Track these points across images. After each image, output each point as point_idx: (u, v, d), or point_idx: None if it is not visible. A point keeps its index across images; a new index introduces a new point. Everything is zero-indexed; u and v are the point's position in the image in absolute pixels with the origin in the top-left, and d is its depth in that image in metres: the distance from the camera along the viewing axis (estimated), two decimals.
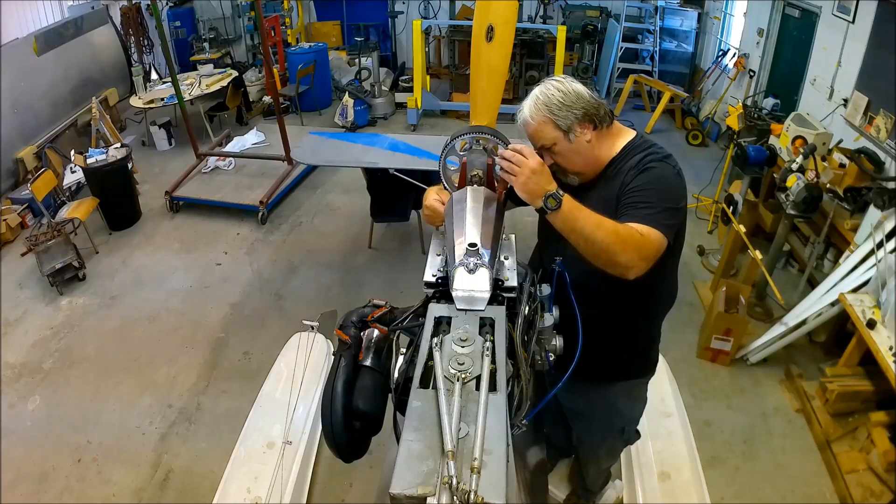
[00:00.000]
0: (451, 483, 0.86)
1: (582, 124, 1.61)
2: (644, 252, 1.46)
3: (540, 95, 1.62)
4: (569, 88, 1.61)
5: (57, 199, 5.24)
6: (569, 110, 1.60)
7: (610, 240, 1.43)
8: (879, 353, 2.90)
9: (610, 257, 1.45)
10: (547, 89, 1.63)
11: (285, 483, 2.34)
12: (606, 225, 1.45)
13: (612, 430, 2.12)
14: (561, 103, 1.60)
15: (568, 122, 1.60)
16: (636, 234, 1.46)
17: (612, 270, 1.47)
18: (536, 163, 1.47)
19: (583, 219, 1.45)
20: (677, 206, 1.58)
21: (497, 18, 1.87)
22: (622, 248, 1.43)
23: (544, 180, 1.47)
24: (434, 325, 1.27)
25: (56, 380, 3.69)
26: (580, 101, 1.61)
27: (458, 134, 1.95)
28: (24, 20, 6.22)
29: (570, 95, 1.61)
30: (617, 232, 1.44)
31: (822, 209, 3.84)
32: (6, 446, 3.20)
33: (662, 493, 2.36)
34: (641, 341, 1.89)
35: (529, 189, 1.47)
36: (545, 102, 1.61)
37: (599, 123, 1.63)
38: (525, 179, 1.46)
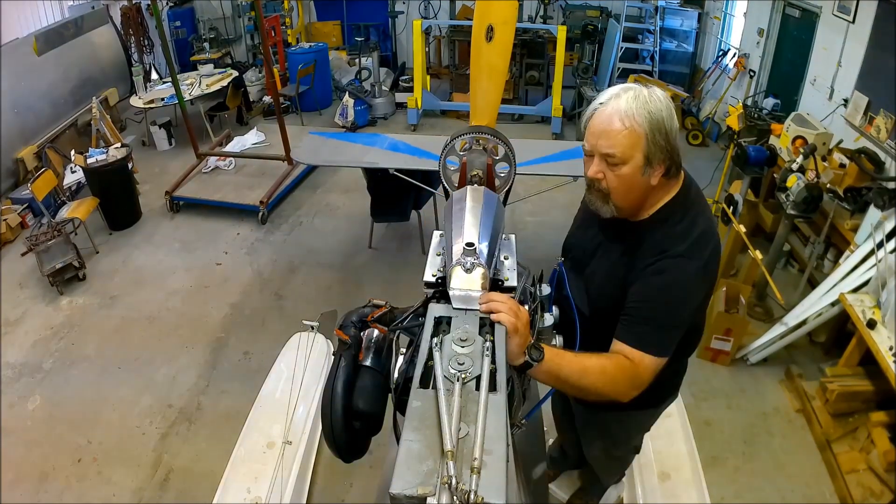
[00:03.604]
0: (451, 483, 0.86)
1: (661, 165, 1.39)
2: (637, 381, 1.39)
3: (650, 103, 1.34)
4: (674, 117, 1.38)
5: (57, 199, 5.24)
6: (665, 142, 1.36)
7: (599, 383, 1.35)
8: (879, 353, 2.90)
9: (601, 396, 1.38)
10: (658, 102, 1.35)
11: (285, 483, 2.34)
12: (592, 368, 1.35)
13: (624, 450, 2.11)
14: (665, 129, 1.35)
15: (657, 153, 1.36)
16: (626, 367, 1.36)
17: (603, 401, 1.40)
18: (526, 315, 1.31)
19: (566, 366, 1.34)
20: (685, 317, 1.43)
21: (497, 18, 1.87)
22: (612, 387, 1.37)
23: (529, 331, 1.31)
24: (434, 325, 1.27)
25: (56, 380, 3.69)
26: (675, 139, 1.39)
27: (458, 134, 1.95)
28: (24, 20, 6.22)
29: (674, 126, 1.38)
30: (604, 372, 1.35)
31: (822, 209, 3.84)
32: (6, 446, 3.20)
33: (662, 493, 2.37)
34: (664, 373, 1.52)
35: (521, 338, 1.27)
36: (652, 115, 1.34)
37: (671, 173, 1.43)
38: (521, 328, 1.27)
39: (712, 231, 1.48)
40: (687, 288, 1.41)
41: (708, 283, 1.47)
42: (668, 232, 1.44)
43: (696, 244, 1.41)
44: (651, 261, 1.41)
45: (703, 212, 1.50)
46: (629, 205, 1.46)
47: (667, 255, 1.40)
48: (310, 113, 7.85)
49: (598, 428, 2.00)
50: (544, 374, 1.34)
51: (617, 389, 1.38)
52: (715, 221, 1.54)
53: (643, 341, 1.39)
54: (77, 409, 3.46)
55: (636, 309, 1.41)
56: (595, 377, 1.35)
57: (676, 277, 1.39)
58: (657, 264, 1.40)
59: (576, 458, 2.41)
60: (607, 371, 1.36)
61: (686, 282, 1.40)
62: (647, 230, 1.47)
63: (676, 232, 1.43)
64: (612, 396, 1.38)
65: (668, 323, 1.40)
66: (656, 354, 1.39)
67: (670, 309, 1.40)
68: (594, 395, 1.39)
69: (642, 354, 1.38)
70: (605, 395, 1.38)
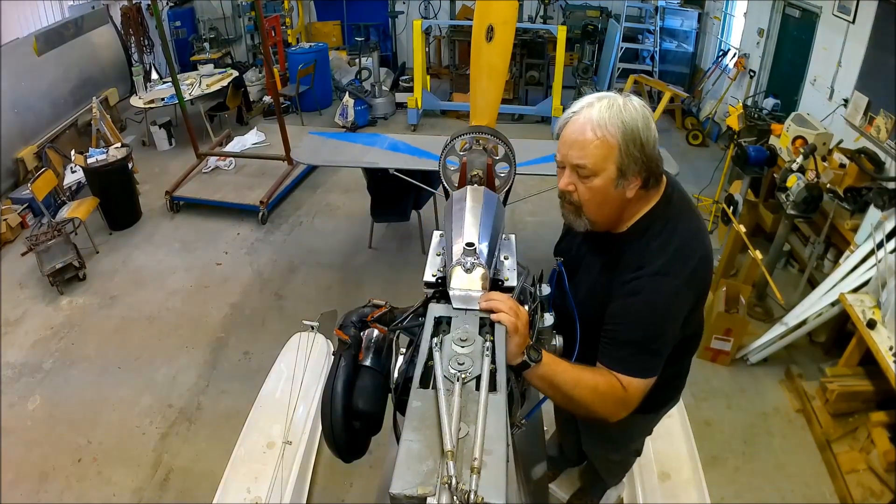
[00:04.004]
0: (451, 483, 0.86)
1: (636, 177, 1.32)
2: (626, 404, 1.36)
3: (624, 111, 1.28)
4: (652, 127, 1.31)
5: (57, 199, 5.24)
6: (641, 153, 1.29)
7: (588, 398, 1.33)
8: (879, 353, 2.90)
9: (589, 412, 1.36)
10: (633, 111, 1.29)
11: (285, 483, 2.35)
12: (585, 381, 1.33)
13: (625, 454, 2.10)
14: (640, 140, 1.29)
15: (631, 165, 1.30)
16: (617, 388, 1.33)
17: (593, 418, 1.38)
18: (526, 315, 1.30)
19: (561, 374, 1.31)
20: (668, 336, 1.37)
21: (497, 18, 1.87)
22: (601, 406, 1.34)
23: (526, 333, 1.29)
24: (434, 325, 1.27)
25: (56, 380, 3.69)
26: (653, 149, 1.31)
27: (458, 134, 1.96)
28: (24, 20, 6.22)
29: (651, 136, 1.30)
30: (596, 389, 1.32)
31: (822, 209, 3.84)
32: (6, 446, 3.20)
33: (662, 493, 2.37)
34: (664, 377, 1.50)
35: (521, 338, 1.26)
36: (626, 125, 1.27)
37: (650, 185, 1.36)
38: (521, 328, 1.26)
39: (697, 241, 1.41)
40: (665, 308, 1.34)
41: (692, 297, 1.39)
42: (646, 246, 1.37)
43: (676, 259, 1.34)
44: (628, 278, 1.36)
45: (685, 221, 1.42)
46: (603, 219, 1.40)
47: (643, 274, 1.34)
48: (310, 113, 7.85)
49: (599, 431, 1.99)
50: (539, 379, 1.32)
51: (605, 409, 1.35)
52: (702, 228, 1.46)
53: (626, 366, 1.35)
54: (77, 409, 3.46)
55: (615, 332, 1.37)
56: (586, 391, 1.33)
57: (652, 299, 1.33)
58: (633, 283, 1.34)
59: (573, 454, 2.41)
60: (599, 389, 1.33)
61: (663, 302, 1.34)
62: (625, 243, 1.42)
63: (654, 247, 1.36)
64: (600, 415, 1.36)
65: (650, 345, 1.35)
66: (641, 377, 1.35)
67: (649, 331, 1.34)
68: (583, 410, 1.36)
69: (630, 379, 1.34)
70: (593, 412, 1.36)
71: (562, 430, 2.45)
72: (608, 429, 1.88)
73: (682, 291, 1.35)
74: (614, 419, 1.37)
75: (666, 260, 1.34)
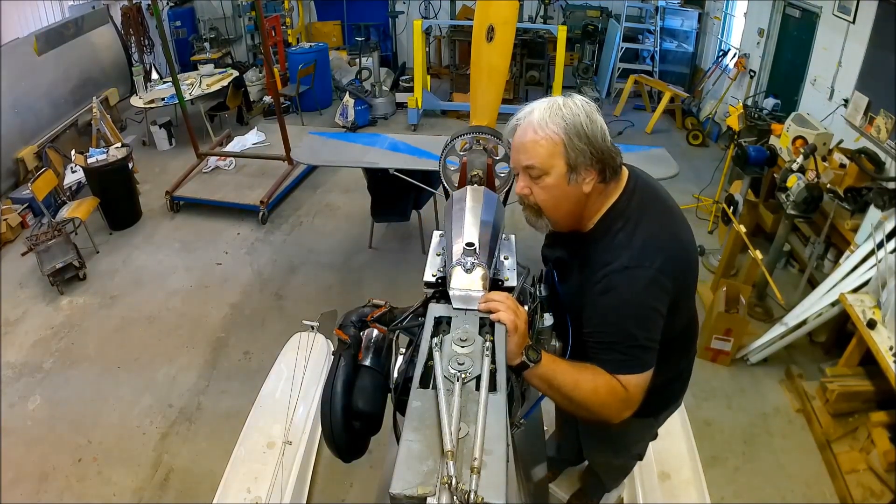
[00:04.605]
0: (451, 483, 0.86)
1: (589, 170, 1.33)
2: (629, 403, 1.33)
3: (563, 109, 1.31)
4: (597, 119, 1.33)
5: (57, 199, 5.24)
6: (588, 145, 1.31)
7: (588, 401, 1.31)
8: (880, 353, 2.89)
9: (591, 414, 1.34)
10: (574, 107, 1.31)
11: (285, 483, 2.34)
12: (584, 383, 1.30)
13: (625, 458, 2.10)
14: (584, 133, 1.30)
15: (579, 158, 1.31)
16: (617, 389, 1.31)
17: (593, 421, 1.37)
18: (525, 315, 1.30)
19: (560, 375, 1.30)
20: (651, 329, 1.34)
21: (497, 18, 1.87)
22: (601, 408, 1.32)
23: (526, 332, 1.29)
24: (434, 325, 1.27)
25: (56, 379, 3.69)
26: (602, 141, 1.32)
27: (458, 134, 1.96)
28: (24, 20, 6.21)
29: (597, 129, 1.32)
30: (596, 391, 1.30)
31: (822, 209, 3.84)
32: (6, 446, 3.20)
33: (662, 493, 2.36)
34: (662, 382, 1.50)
35: (520, 337, 1.25)
36: (567, 121, 1.30)
37: (607, 177, 1.36)
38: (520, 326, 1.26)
39: (667, 236, 1.38)
40: (640, 301, 1.31)
41: (669, 290, 1.34)
42: (610, 243, 1.36)
43: (644, 249, 1.32)
44: (597, 278, 1.33)
45: (652, 216, 1.39)
46: (563, 216, 1.40)
47: (612, 271, 1.31)
48: (310, 113, 7.85)
49: (599, 435, 1.98)
50: (538, 379, 1.31)
51: (606, 411, 1.33)
52: (674, 224, 1.42)
53: (617, 365, 1.32)
54: (77, 409, 3.46)
55: (599, 334, 1.35)
56: (586, 394, 1.31)
57: (624, 295, 1.30)
58: (603, 282, 1.32)
59: (573, 455, 2.41)
60: (599, 391, 1.31)
61: (637, 295, 1.30)
62: (592, 242, 1.40)
63: (618, 242, 1.35)
64: (602, 416, 1.33)
65: (633, 342, 1.32)
66: (637, 372, 1.33)
67: (631, 327, 1.31)
68: (584, 412, 1.34)
69: (626, 377, 1.32)
70: (594, 414, 1.33)
71: (561, 430, 2.45)
72: (609, 433, 1.87)
73: (658, 280, 1.31)
74: (617, 420, 1.34)
75: (633, 252, 1.32)
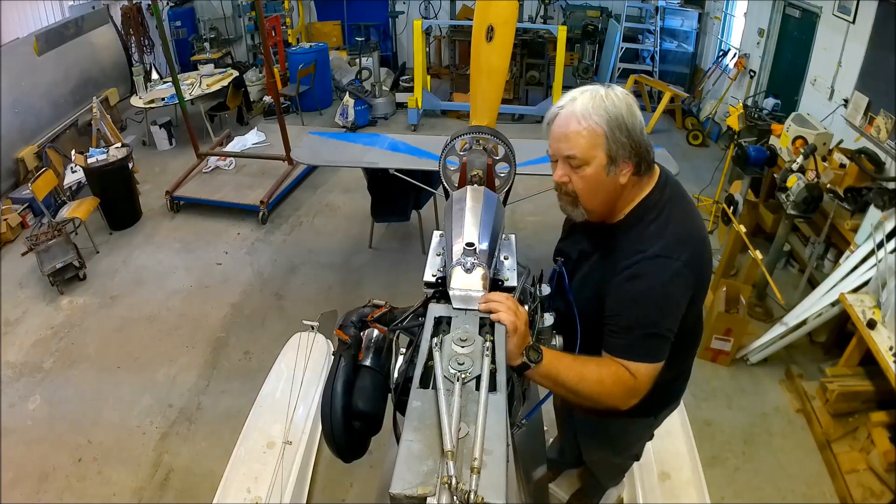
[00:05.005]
0: (451, 483, 0.86)
1: (627, 162, 1.36)
2: (635, 391, 1.35)
3: (606, 100, 1.32)
4: (636, 113, 1.35)
5: (57, 199, 5.24)
6: (628, 138, 1.33)
7: (594, 392, 1.32)
8: (879, 353, 2.90)
9: (597, 404, 1.35)
10: (616, 99, 1.33)
11: (285, 483, 2.34)
12: (589, 376, 1.32)
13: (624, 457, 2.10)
14: (625, 126, 1.32)
15: (619, 151, 1.33)
16: (624, 378, 1.33)
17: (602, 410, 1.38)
18: (525, 315, 1.30)
19: (564, 371, 1.31)
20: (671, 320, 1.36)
21: (497, 18, 1.87)
22: (608, 398, 1.34)
23: (528, 331, 1.30)
24: (434, 325, 1.27)
25: (56, 379, 3.69)
26: (640, 134, 1.35)
27: (458, 134, 1.96)
28: (24, 20, 6.21)
29: (637, 122, 1.34)
30: (601, 382, 1.32)
31: (822, 209, 3.84)
32: (6, 446, 3.20)
33: (662, 493, 2.36)
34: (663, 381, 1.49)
35: (520, 337, 1.26)
36: (609, 113, 1.32)
37: (642, 170, 1.39)
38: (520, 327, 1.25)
39: (694, 232, 1.41)
40: (666, 290, 1.34)
41: (691, 285, 1.38)
42: (642, 233, 1.39)
43: (674, 242, 1.36)
44: (627, 264, 1.36)
45: (680, 211, 1.43)
46: (598, 206, 1.42)
47: (643, 258, 1.34)
48: (310, 113, 7.85)
49: (599, 435, 1.98)
50: (542, 378, 1.32)
51: (613, 400, 1.35)
52: (698, 221, 1.46)
53: (632, 351, 1.34)
54: (77, 409, 3.46)
55: (618, 318, 1.36)
56: (591, 386, 1.32)
57: (652, 281, 1.33)
58: (633, 268, 1.35)
59: (574, 457, 2.41)
60: (604, 382, 1.33)
61: (664, 284, 1.34)
62: (621, 232, 1.43)
63: (650, 232, 1.38)
64: (609, 405, 1.35)
65: (653, 329, 1.34)
66: (649, 361, 1.35)
67: (652, 314, 1.34)
68: (590, 403, 1.36)
69: (637, 364, 1.34)
70: (601, 405, 1.35)
71: (563, 432, 2.45)
72: (608, 433, 1.89)
73: (683, 273, 1.35)
74: (624, 408, 1.36)
75: (664, 243, 1.35)
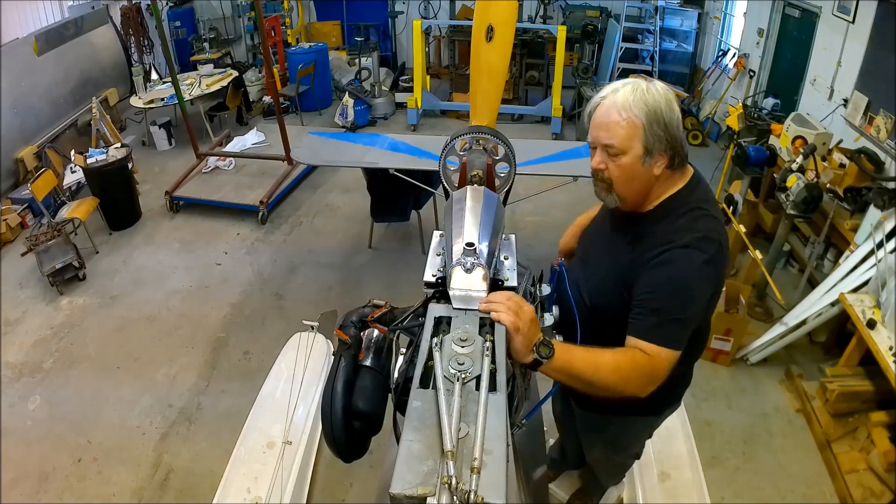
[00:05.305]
0: (451, 483, 0.86)
1: (662, 155, 1.41)
2: (654, 376, 1.37)
3: (647, 94, 1.38)
4: (675, 108, 1.41)
5: (57, 199, 5.23)
6: (665, 132, 1.39)
7: (611, 380, 1.34)
8: (879, 353, 2.90)
9: (615, 393, 1.37)
10: (656, 94, 1.39)
11: (285, 483, 2.34)
12: (605, 364, 1.33)
13: (624, 456, 2.11)
14: (663, 120, 1.38)
15: (656, 143, 1.39)
16: (642, 363, 1.35)
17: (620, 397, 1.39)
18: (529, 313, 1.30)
19: (578, 363, 1.33)
20: (695, 310, 1.41)
21: (497, 18, 1.87)
22: (625, 384, 1.35)
23: (536, 328, 1.30)
24: (434, 325, 1.27)
25: (56, 379, 3.69)
26: (676, 129, 1.40)
27: (458, 134, 1.96)
28: (24, 20, 6.21)
29: (674, 117, 1.40)
30: (618, 369, 1.34)
31: (822, 209, 3.84)
32: (6, 446, 3.20)
33: (662, 493, 2.37)
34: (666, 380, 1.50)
35: (526, 336, 1.26)
36: (649, 106, 1.37)
37: (675, 164, 1.45)
38: (523, 326, 1.25)
39: (719, 233, 1.45)
40: (694, 279, 1.39)
41: (714, 282, 1.45)
42: (672, 224, 1.44)
43: (704, 237, 1.40)
44: (657, 252, 1.40)
45: (709, 213, 1.47)
46: (632, 194, 1.47)
47: (673, 246, 1.39)
48: (310, 113, 7.85)
49: (599, 433, 1.99)
50: (556, 372, 1.32)
51: (631, 387, 1.36)
52: (722, 227, 1.50)
53: (656, 334, 1.37)
54: (77, 409, 3.46)
55: (645, 301, 1.40)
56: (608, 375, 1.33)
57: (681, 269, 1.38)
58: (663, 255, 1.39)
59: (576, 458, 2.41)
60: (621, 368, 1.34)
61: (692, 273, 1.39)
62: (650, 221, 1.48)
63: (680, 225, 1.43)
64: (628, 393, 1.36)
65: (678, 315, 1.38)
66: (670, 347, 1.37)
67: (678, 300, 1.38)
68: (608, 392, 1.37)
69: (658, 348, 1.36)
70: (619, 392, 1.36)
71: (562, 430, 2.45)
72: (609, 431, 1.90)
73: (709, 268, 1.40)
74: (643, 394, 1.37)
75: (695, 237, 1.40)
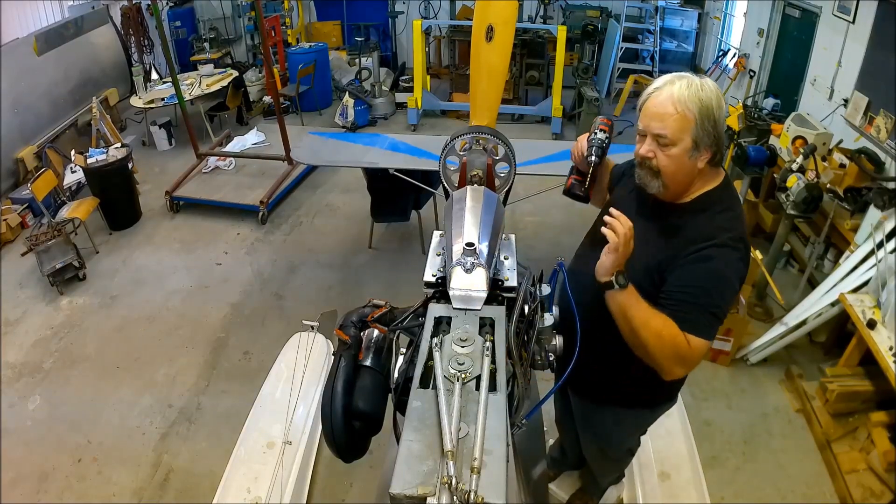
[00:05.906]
0: (451, 483, 0.86)
1: (707, 150, 1.48)
2: (687, 361, 1.45)
3: (701, 91, 1.44)
4: (723, 107, 1.48)
5: (57, 199, 5.23)
6: (713, 128, 1.46)
7: (651, 341, 1.41)
8: (879, 353, 2.89)
9: (647, 355, 1.45)
10: (709, 91, 1.45)
11: (285, 483, 2.35)
12: (653, 324, 1.41)
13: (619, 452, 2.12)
14: (713, 116, 1.45)
15: (704, 138, 1.46)
16: (681, 343, 1.42)
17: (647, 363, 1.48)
18: (631, 247, 1.42)
19: (635, 308, 1.42)
20: (728, 304, 1.50)
21: (497, 18, 1.87)
22: (660, 352, 1.43)
23: (623, 260, 1.42)
24: (434, 325, 1.27)
25: (56, 380, 3.69)
26: (722, 127, 1.49)
27: (458, 134, 1.96)
28: (24, 20, 6.21)
29: (722, 116, 1.48)
30: (660, 335, 1.41)
31: (822, 209, 3.84)
32: (6, 446, 3.20)
33: (662, 493, 2.37)
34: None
35: (617, 259, 1.39)
36: (702, 102, 1.43)
37: (715, 160, 1.52)
38: (624, 250, 1.39)
39: (746, 235, 1.55)
40: (731, 277, 1.48)
41: (742, 279, 1.53)
42: (711, 221, 1.50)
43: (737, 238, 1.49)
44: (698, 247, 1.46)
45: (741, 214, 1.58)
46: (675, 184, 1.53)
47: (715, 244, 1.46)
48: (310, 113, 7.85)
49: (595, 426, 2.01)
50: (616, 305, 1.43)
51: (662, 358, 1.43)
52: (745, 228, 1.59)
53: (693, 325, 1.43)
54: (77, 410, 3.46)
55: (684, 293, 1.45)
56: (651, 335, 1.41)
57: (721, 266, 1.45)
58: (705, 251, 1.45)
59: (575, 458, 2.42)
60: (664, 337, 1.41)
61: (729, 270, 1.47)
62: (687, 213, 1.54)
63: (718, 222, 1.50)
64: (657, 362, 1.44)
65: (715, 308, 1.45)
66: (704, 337, 1.43)
67: (716, 294, 1.45)
68: (642, 351, 1.44)
69: (694, 338, 1.42)
70: (650, 357, 1.44)
71: (562, 430, 2.46)
72: (603, 421, 1.93)
73: (741, 266, 1.50)
74: (668, 374, 1.45)
75: (731, 236, 1.48)
